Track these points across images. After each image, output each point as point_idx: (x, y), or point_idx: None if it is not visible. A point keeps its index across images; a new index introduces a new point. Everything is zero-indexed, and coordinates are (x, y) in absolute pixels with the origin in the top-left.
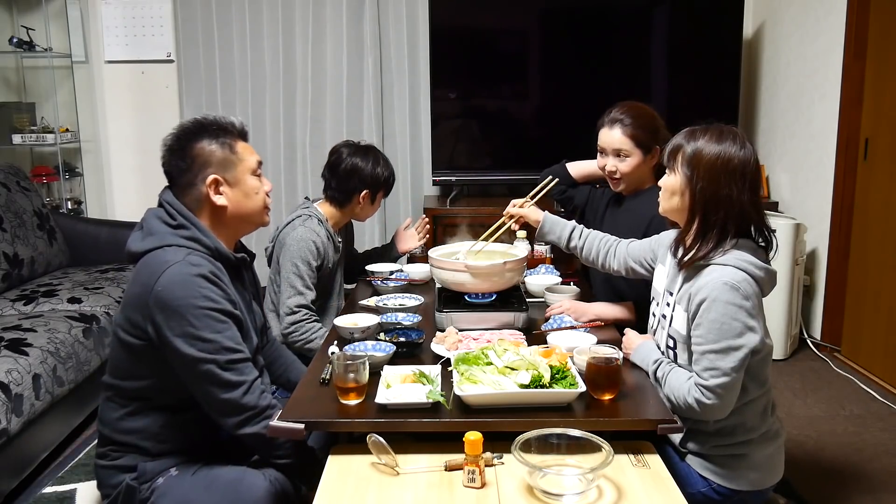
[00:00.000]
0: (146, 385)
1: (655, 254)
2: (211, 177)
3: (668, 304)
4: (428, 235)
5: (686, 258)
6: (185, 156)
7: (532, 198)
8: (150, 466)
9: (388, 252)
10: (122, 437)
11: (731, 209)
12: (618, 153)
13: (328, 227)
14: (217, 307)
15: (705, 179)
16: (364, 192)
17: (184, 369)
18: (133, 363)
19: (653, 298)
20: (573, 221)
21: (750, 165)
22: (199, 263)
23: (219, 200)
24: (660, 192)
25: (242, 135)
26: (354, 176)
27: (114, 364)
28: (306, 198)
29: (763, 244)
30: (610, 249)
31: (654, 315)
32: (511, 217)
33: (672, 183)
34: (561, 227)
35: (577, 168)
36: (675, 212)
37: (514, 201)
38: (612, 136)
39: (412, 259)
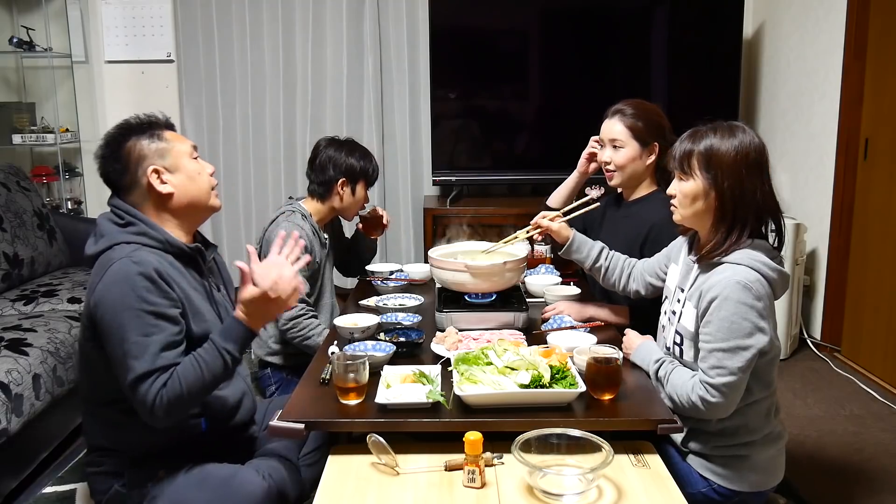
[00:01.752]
0: (109, 388)
1: (670, 259)
2: (150, 167)
3: (678, 301)
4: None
5: (711, 252)
6: (118, 157)
7: (565, 214)
8: (136, 470)
9: (360, 241)
10: (103, 443)
11: (755, 203)
12: (613, 143)
13: (312, 223)
14: (150, 309)
15: (731, 177)
16: (341, 180)
17: (115, 368)
18: (93, 367)
19: (665, 297)
20: (600, 242)
21: (765, 154)
22: (141, 261)
23: (164, 189)
24: (673, 200)
25: (169, 126)
26: (329, 166)
27: (80, 370)
28: (290, 197)
29: (776, 246)
30: (632, 272)
31: (664, 313)
32: (537, 227)
33: (693, 188)
34: (589, 247)
35: (556, 198)
36: (698, 216)
37: (544, 213)
38: (610, 125)
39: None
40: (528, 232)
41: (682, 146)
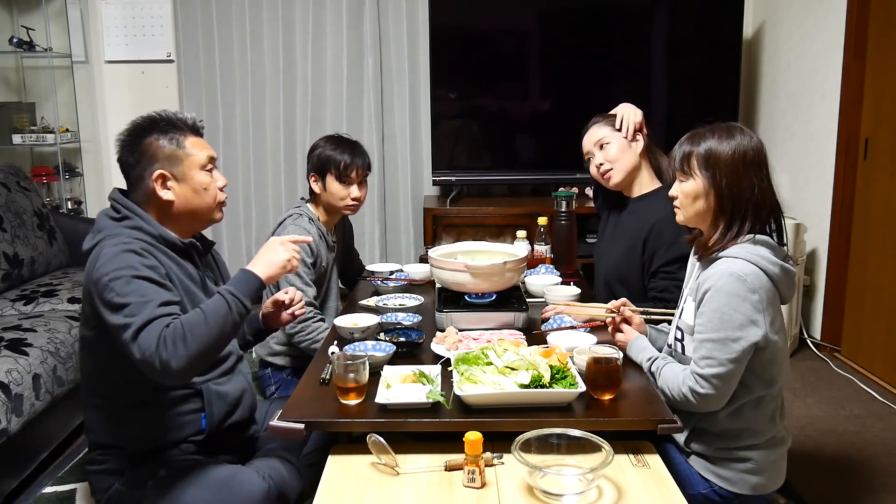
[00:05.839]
0: (111, 381)
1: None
2: (157, 172)
3: (683, 299)
4: None
5: (710, 248)
6: (134, 150)
7: (643, 312)
8: (137, 469)
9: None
10: (104, 440)
11: (754, 199)
12: (600, 144)
13: (319, 226)
14: (144, 275)
15: (728, 176)
16: (311, 175)
17: (115, 337)
18: (95, 359)
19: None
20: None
21: (763, 153)
22: (128, 241)
23: (165, 195)
24: (676, 202)
25: (195, 130)
26: (307, 158)
27: (82, 364)
28: (302, 198)
29: (782, 243)
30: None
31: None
32: (619, 309)
33: (693, 188)
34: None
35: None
36: (699, 215)
37: (627, 301)
38: (590, 134)
39: None
40: (607, 311)
41: (681, 148)
